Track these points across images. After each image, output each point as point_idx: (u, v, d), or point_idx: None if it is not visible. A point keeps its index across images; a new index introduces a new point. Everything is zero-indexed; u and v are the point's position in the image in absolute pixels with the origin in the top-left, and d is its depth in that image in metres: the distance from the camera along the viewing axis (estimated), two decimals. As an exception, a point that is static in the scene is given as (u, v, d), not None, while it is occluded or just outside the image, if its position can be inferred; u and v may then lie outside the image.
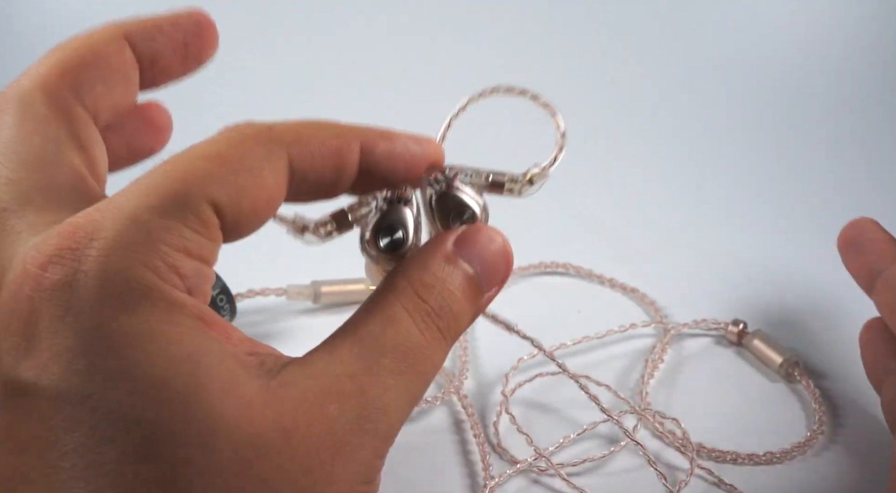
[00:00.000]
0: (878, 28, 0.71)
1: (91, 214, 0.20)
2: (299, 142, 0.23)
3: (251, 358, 0.21)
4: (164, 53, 0.27)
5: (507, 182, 0.26)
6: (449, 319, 0.23)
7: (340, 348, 0.22)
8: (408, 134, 0.25)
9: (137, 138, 0.29)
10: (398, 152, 0.24)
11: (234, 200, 0.21)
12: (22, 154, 0.23)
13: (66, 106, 0.25)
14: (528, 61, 0.69)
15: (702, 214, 0.52)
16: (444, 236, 0.24)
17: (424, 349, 0.23)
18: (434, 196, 0.25)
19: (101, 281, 0.19)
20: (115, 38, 0.26)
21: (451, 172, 0.25)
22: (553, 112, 0.27)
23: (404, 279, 0.23)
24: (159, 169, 0.21)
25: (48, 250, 0.20)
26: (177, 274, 0.20)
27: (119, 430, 0.18)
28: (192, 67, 0.28)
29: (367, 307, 0.23)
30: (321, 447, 0.20)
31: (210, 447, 0.19)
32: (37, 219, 0.21)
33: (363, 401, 0.21)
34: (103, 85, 0.26)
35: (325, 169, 0.23)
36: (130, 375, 0.19)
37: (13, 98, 0.24)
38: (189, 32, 0.27)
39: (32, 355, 0.19)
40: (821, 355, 0.40)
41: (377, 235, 0.24)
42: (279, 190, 0.22)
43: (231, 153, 0.21)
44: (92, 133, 0.25)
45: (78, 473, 0.18)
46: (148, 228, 0.20)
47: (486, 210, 0.25)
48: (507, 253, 0.25)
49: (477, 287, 0.24)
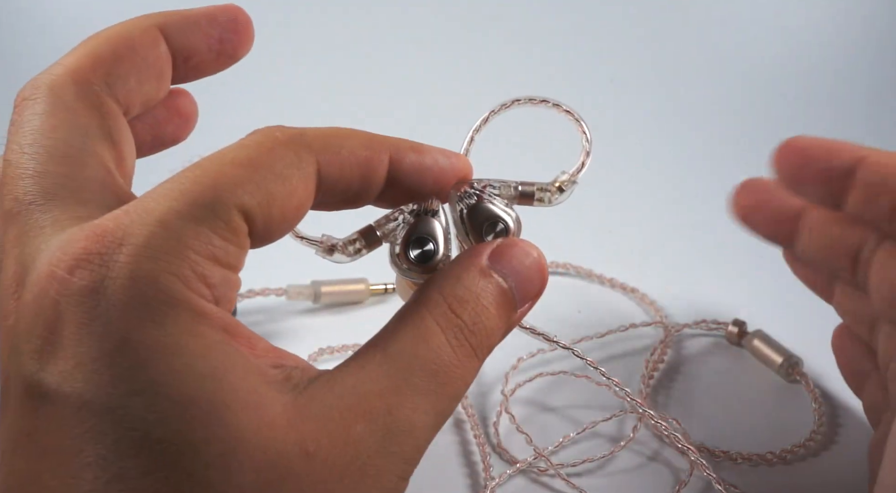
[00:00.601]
0: (878, 28, 0.71)
1: (120, 217, 0.20)
2: (329, 149, 0.22)
3: (277, 372, 0.21)
4: (199, 49, 0.27)
5: (537, 192, 0.26)
6: (482, 335, 0.23)
7: (370, 363, 0.21)
8: (437, 148, 0.25)
9: (164, 127, 0.29)
10: (427, 165, 0.24)
11: (264, 207, 0.21)
12: (49, 146, 0.22)
13: (96, 98, 0.24)
14: (529, 61, 0.69)
15: (702, 214, 0.52)
16: (478, 249, 0.24)
17: (456, 369, 0.22)
18: (465, 209, 0.25)
19: (128, 289, 0.19)
20: (151, 30, 0.26)
21: (480, 184, 0.25)
22: (577, 118, 0.27)
23: (437, 292, 0.23)
24: (189, 173, 0.21)
25: (76, 252, 0.19)
26: (205, 283, 0.20)
27: (143, 446, 0.18)
28: (226, 64, 0.28)
29: (398, 319, 0.23)
30: (346, 470, 0.20)
31: (231, 469, 0.19)
32: (62, 214, 0.21)
33: (390, 422, 0.21)
34: (136, 78, 0.25)
35: (353, 178, 0.23)
36: (154, 390, 0.18)
37: (43, 87, 0.23)
38: (225, 28, 0.27)
39: (56, 361, 0.19)
40: (821, 355, 0.39)
41: (407, 248, 0.24)
42: (308, 196, 0.22)
43: (262, 159, 0.21)
44: (122, 127, 0.25)
45: (100, 486, 0.18)
46: (178, 235, 0.19)
47: (518, 222, 0.25)
48: (542, 268, 0.24)
49: (511, 302, 0.24)
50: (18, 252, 0.21)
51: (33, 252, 0.20)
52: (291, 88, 0.64)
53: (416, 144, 0.24)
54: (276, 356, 0.21)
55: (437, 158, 0.24)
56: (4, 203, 0.22)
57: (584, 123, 0.27)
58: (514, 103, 0.27)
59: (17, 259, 0.21)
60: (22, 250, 0.21)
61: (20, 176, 0.22)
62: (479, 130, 0.27)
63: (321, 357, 0.39)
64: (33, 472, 0.19)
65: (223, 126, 0.23)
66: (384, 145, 0.24)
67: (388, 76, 0.66)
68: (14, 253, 0.21)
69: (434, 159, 0.24)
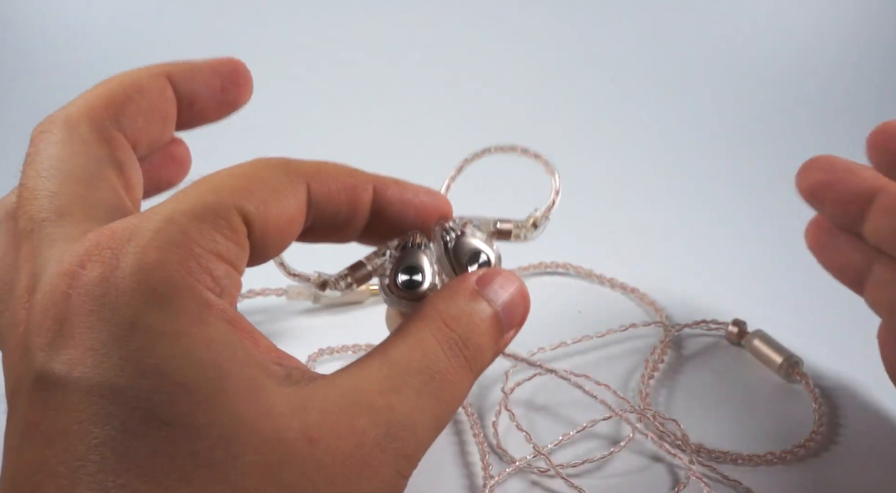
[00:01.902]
0: (878, 28, 0.71)
1: (129, 219, 0.21)
2: (318, 175, 0.24)
3: (277, 368, 0.21)
4: (202, 96, 0.29)
5: (514, 229, 0.28)
6: (474, 349, 0.24)
7: (369, 367, 0.22)
8: (418, 185, 0.27)
9: (160, 172, 0.31)
10: (409, 199, 0.26)
11: (262, 213, 0.22)
12: (65, 170, 0.24)
13: (108, 133, 0.26)
14: (529, 62, 0.69)
15: (702, 214, 0.52)
16: (466, 276, 0.25)
17: (450, 375, 0.23)
18: (450, 243, 0.26)
19: (136, 277, 0.20)
20: (159, 77, 0.28)
21: (461, 222, 0.27)
22: (545, 162, 0.29)
23: (432, 310, 0.24)
24: (192, 184, 0.22)
25: (87, 248, 0.20)
26: (209, 275, 0.21)
27: (150, 426, 0.19)
28: (227, 112, 0.30)
29: (396, 333, 0.24)
30: (348, 459, 0.20)
31: (233, 451, 0.19)
32: (74, 229, 0.22)
33: (392, 418, 0.21)
34: (143, 119, 0.27)
35: (340, 204, 0.25)
36: (160, 373, 0.19)
37: (59, 121, 0.25)
38: (226, 78, 0.29)
39: (65, 349, 0.19)
40: (821, 355, 0.39)
41: (397, 277, 0.25)
42: (300, 212, 0.24)
43: (257, 174, 0.23)
44: (131, 158, 0.27)
45: (108, 466, 0.18)
46: (183, 229, 0.21)
47: (499, 257, 0.27)
48: (525, 296, 0.26)
49: (499, 325, 0.25)
50: (31, 266, 0.22)
51: (45, 263, 0.21)
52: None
53: (398, 179, 0.26)
54: (278, 356, 0.22)
55: (418, 193, 0.26)
56: (20, 224, 0.23)
57: (552, 165, 0.29)
58: (486, 153, 0.29)
59: (30, 272, 0.22)
60: (34, 263, 0.22)
61: (36, 197, 0.23)
62: (454, 179, 0.29)
63: (321, 357, 0.39)
64: (41, 460, 0.19)
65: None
66: (368, 177, 0.25)
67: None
68: (27, 267, 0.22)
69: (415, 194, 0.26)
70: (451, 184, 0.29)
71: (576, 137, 0.28)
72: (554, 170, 0.29)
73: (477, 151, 0.29)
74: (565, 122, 0.62)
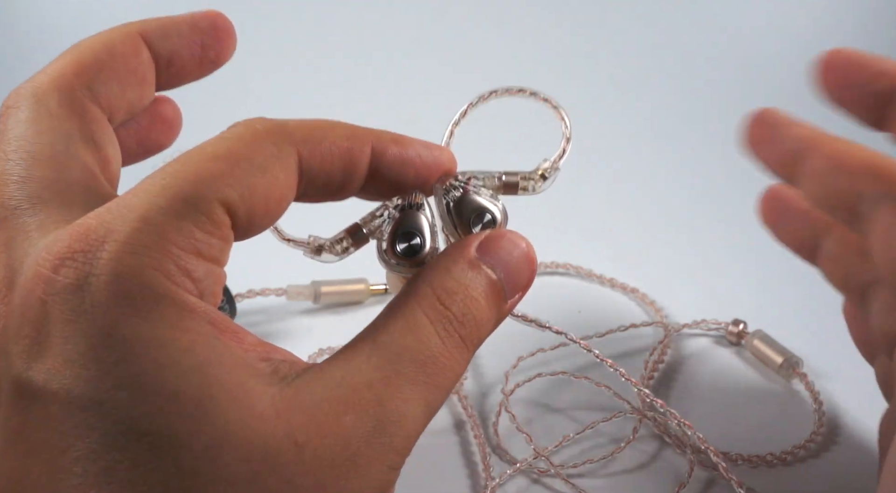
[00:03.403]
0: (879, 28, 0.71)
1: (102, 214, 0.20)
2: (310, 141, 0.23)
3: (264, 365, 0.21)
4: (181, 55, 0.27)
5: (521, 181, 0.26)
6: (471, 326, 0.23)
7: (359, 356, 0.22)
8: (419, 140, 0.25)
9: (148, 134, 0.29)
10: (409, 157, 0.24)
11: (246, 200, 0.21)
12: (34, 152, 0.23)
13: (80, 104, 0.24)
14: (529, 62, 0.69)
15: (702, 214, 0.52)
16: (466, 241, 0.24)
17: (445, 359, 0.22)
18: (452, 202, 0.25)
19: (112, 285, 0.19)
20: (132, 37, 0.26)
21: (464, 177, 0.25)
22: (555, 105, 0.27)
23: (426, 285, 0.23)
24: (169, 168, 0.21)
25: (60, 251, 0.19)
26: (188, 277, 0.20)
27: (130, 438, 0.18)
28: (209, 69, 0.28)
29: (387, 312, 0.23)
30: (335, 460, 0.20)
31: (219, 460, 0.19)
32: (47, 218, 0.21)
33: (380, 412, 0.21)
34: (118, 84, 0.26)
35: (334, 170, 0.23)
36: (140, 384, 0.19)
37: (27, 95, 0.24)
38: (206, 34, 0.27)
39: (43, 359, 0.19)
40: (821, 355, 0.39)
41: (394, 243, 0.24)
42: (290, 188, 0.22)
43: (242, 152, 0.21)
44: (106, 132, 0.25)
45: (90, 479, 0.18)
46: (159, 230, 0.20)
47: (505, 213, 0.25)
48: (530, 259, 0.25)
49: (500, 293, 0.24)
50: (6, 257, 0.21)
51: (21, 256, 0.21)
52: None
53: (399, 136, 0.25)
54: (264, 350, 0.21)
55: (419, 151, 0.25)
56: None
57: (563, 109, 0.27)
58: (492, 95, 0.27)
59: (5, 264, 0.21)
60: (9, 255, 0.21)
61: (5, 182, 0.22)
62: (458, 124, 0.27)
63: (321, 357, 0.39)
64: (23, 469, 0.19)
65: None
66: (366, 137, 0.24)
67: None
68: (1, 259, 0.21)
69: (416, 152, 0.25)
70: (454, 129, 0.27)
71: (575, 137, 0.28)
72: (565, 115, 0.27)
73: (483, 94, 0.27)
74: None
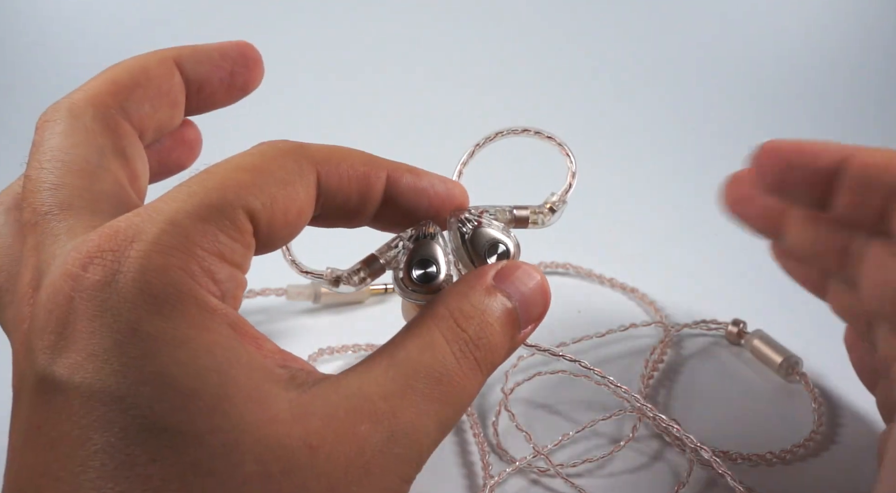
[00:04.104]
0: (879, 28, 0.71)
1: (131, 218, 0.21)
2: (330, 162, 0.23)
3: (282, 371, 0.21)
4: (211, 81, 0.28)
5: (531, 215, 0.27)
6: (486, 350, 0.23)
7: (375, 369, 0.22)
8: (433, 173, 0.26)
9: (170, 154, 0.30)
10: (423, 188, 0.25)
11: (268, 209, 0.22)
12: (67, 161, 0.24)
13: (113, 121, 0.26)
14: (529, 63, 0.69)
15: (702, 214, 0.52)
16: (484, 269, 0.24)
17: (459, 378, 0.22)
18: (467, 234, 0.25)
19: (139, 283, 0.19)
20: (166, 62, 0.27)
21: (477, 211, 0.26)
22: (559, 143, 0.28)
23: (444, 307, 0.23)
24: (197, 178, 0.22)
25: (90, 250, 0.20)
26: (212, 279, 0.20)
27: (150, 434, 0.19)
28: (237, 96, 0.29)
29: (405, 332, 0.23)
30: (349, 467, 0.20)
31: (234, 459, 0.19)
32: (76, 223, 0.22)
33: (395, 424, 0.21)
34: (151, 105, 0.27)
35: (351, 191, 0.24)
36: (161, 380, 0.19)
37: (64, 110, 0.25)
38: (236, 62, 0.29)
39: (68, 353, 0.19)
40: (821, 355, 0.39)
41: (410, 270, 0.25)
42: (309, 203, 0.23)
43: (266, 166, 0.22)
44: (136, 148, 0.26)
45: (107, 472, 0.18)
46: (186, 232, 0.20)
47: (518, 245, 0.26)
48: (545, 291, 0.25)
49: (515, 321, 0.24)
50: (35, 260, 0.22)
51: (48, 259, 0.21)
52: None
53: (414, 167, 0.25)
54: (282, 358, 0.22)
55: (433, 182, 0.26)
56: (24, 215, 0.23)
57: (567, 146, 0.28)
58: (498, 136, 0.28)
59: (34, 267, 0.22)
60: (38, 258, 0.22)
61: (38, 189, 0.23)
62: (466, 164, 0.28)
63: (321, 357, 0.39)
64: (42, 463, 0.19)
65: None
66: (383, 164, 0.25)
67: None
68: (31, 262, 0.22)
69: (430, 183, 0.25)
70: (462, 169, 0.28)
71: (576, 138, 0.28)
72: (569, 151, 0.28)
73: (489, 135, 0.28)
74: (565, 123, 0.62)
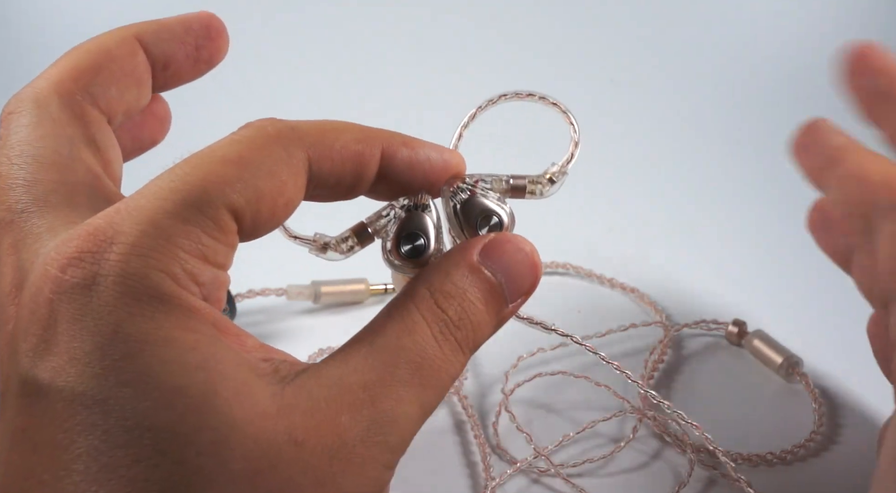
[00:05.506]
0: (880, 28, 0.70)
1: (111, 215, 0.20)
2: (321, 143, 0.23)
3: (265, 365, 0.21)
4: (176, 56, 0.27)
5: (529, 184, 0.26)
6: (468, 330, 0.23)
7: (355, 356, 0.22)
8: (430, 143, 0.25)
9: (141, 130, 0.29)
10: (419, 160, 0.24)
11: (253, 205, 0.21)
12: (37, 155, 0.23)
13: (80, 108, 0.25)
14: (528, 62, 0.69)
15: (702, 214, 0.52)
16: (469, 244, 0.24)
17: (440, 362, 0.22)
18: (459, 204, 0.25)
19: (119, 286, 0.19)
20: (128, 40, 0.26)
21: (472, 179, 0.25)
22: (564, 109, 0.27)
23: (425, 287, 0.23)
24: (179, 171, 0.21)
25: (69, 251, 0.20)
26: (194, 281, 0.20)
27: (132, 435, 0.18)
28: (204, 70, 0.28)
29: (386, 313, 0.23)
30: (332, 458, 0.20)
31: (222, 456, 0.19)
32: (56, 220, 0.22)
33: (374, 412, 0.21)
34: (116, 87, 0.26)
35: (344, 172, 0.23)
36: (144, 381, 0.19)
37: (28, 100, 0.24)
38: (200, 35, 0.27)
39: (50, 357, 0.19)
40: (821, 355, 0.39)
41: (399, 243, 0.24)
42: (297, 192, 0.22)
43: (251, 156, 0.21)
44: (106, 134, 0.26)
45: (91, 476, 0.18)
46: (167, 233, 0.20)
47: (512, 216, 0.25)
48: (534, 264, 0.24)
49: (500, 298, 0.24)
50: (15, 259, 0.21)
51: (31, 257, 0.21)
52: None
53: (409, 138, 0.25)
54: (265, 351, 0.22)
55: (429, 154, 0.25)
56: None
57: (571, 114, 0.27)
58: (501, 98, 0.27)
59: (15, 266, 0.21)
60: (19, 257, 0.21)
61: (11, 186, 0.22)
62: (466, 126, 0.27)
63: (321, 357, 0.39)
64: (27, 466, 0.19)
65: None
66: (377, 140, 0.24)
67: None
68: (11, 260, 0.21)
69: (426, 155, 0.25)
70: (463, 132, 0.27)
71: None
72: (573, 120, 0.27)
73: (492, 98, 0.27)
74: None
